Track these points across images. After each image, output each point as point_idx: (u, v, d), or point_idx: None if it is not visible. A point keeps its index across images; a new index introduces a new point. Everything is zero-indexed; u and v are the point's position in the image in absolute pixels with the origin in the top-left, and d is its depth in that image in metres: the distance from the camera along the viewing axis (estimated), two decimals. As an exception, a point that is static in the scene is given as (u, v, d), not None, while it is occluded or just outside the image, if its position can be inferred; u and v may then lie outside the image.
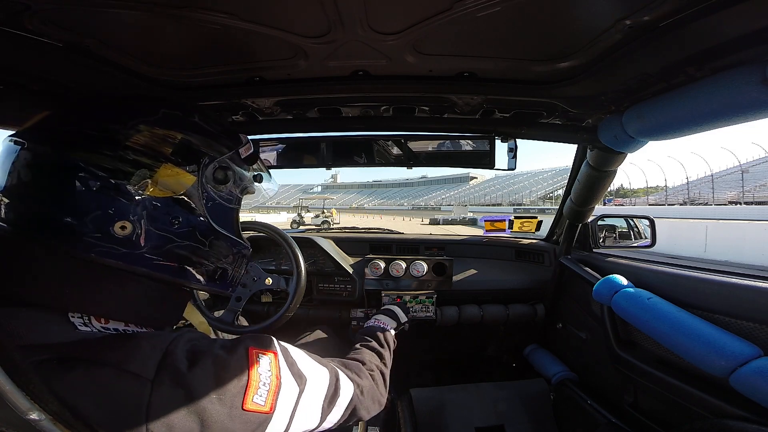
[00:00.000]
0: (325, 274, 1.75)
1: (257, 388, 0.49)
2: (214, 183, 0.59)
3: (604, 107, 1.01)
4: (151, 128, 0.52)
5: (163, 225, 0.53)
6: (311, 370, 0.60)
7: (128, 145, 0.50)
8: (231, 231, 0.63)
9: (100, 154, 0.48)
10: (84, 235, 0.47)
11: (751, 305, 0.87)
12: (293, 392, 0.54)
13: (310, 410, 0.58)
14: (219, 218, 0.60)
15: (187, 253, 0.56)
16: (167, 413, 0.41)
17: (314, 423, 0.60)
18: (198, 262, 0.58)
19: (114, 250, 0.49)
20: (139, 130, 0.51)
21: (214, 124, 0.63)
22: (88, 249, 0.48)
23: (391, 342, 1.03)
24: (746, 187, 32.25)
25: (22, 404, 0.33)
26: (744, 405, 0.82)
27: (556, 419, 1.64)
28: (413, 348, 2.06)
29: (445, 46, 0.79)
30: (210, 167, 0.58)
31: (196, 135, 0.57)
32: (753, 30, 0.58)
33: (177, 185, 0.53)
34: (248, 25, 0.67)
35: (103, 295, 0.49)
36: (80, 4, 0.60)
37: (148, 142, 0.51)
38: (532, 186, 74.34)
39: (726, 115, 0.71)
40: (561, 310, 1.77)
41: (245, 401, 0.47)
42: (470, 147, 1.30)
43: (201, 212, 0.57)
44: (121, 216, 0.49)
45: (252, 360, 0.51)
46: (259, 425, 0.49)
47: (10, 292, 0.45)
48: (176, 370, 0.43)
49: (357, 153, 1.33)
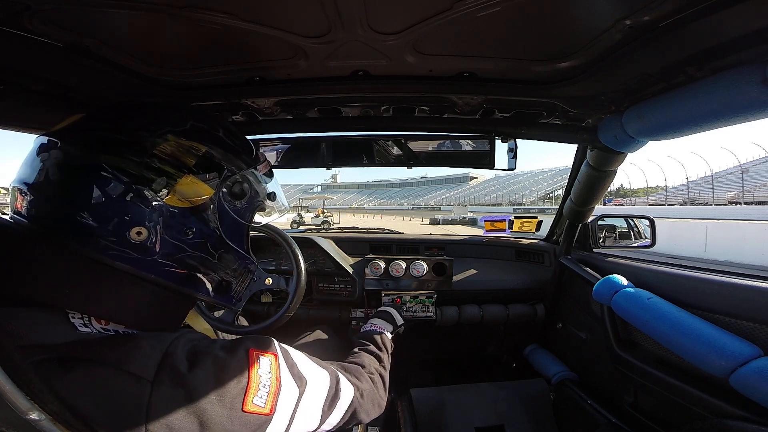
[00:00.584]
0: (325, 274, 1.75)
1: (257, 389, 0.49)
2: (231, 197, 0.61)
3: (604, 107, 1.01)
4: (178, 138, 0.54)
5: (177, 234, 0.53)
6: (311, 373, 0.60)
7: (154, 153, 0.51)
8: (241, 246, 0.64)
9: (127, 159, 0.49)
10: (100, 237, 0.48)
11: (751, 305, 0.86)
12: (293, 394, 0.54)
13: (310, 412, 0.58)
14: (231, 232, 0.61)
15: (196, 263, 0.57)
16: (167, 414, 0.41)
17: (314, 425, 0.60)
18: (205, 273, 0.59)
19: (126, 254, 0.49)
20: (166, 140, 0.53)
21: (236, 140, 0.64)
22: (102, 251, 0.48)
23: (389, 345, 1.04)
24: (746, 187, 32.26)
25: (22, 404, 0.33)
26: (744, 405, 0.82)
27: (556, 419, 1.64)
28: (413, 348, 2.05)
29: (445, 46, 0.79)
30: (229, 181, 0.59)
31: (218, 149, 0.59)
32: (753, 30, 0.58)
33: (195, 196, 0.54)
34: (248, 25, 0.67)
35: (106, 297, 0.49)
36: (80, 4, 0.60)
37: (174, 152, 0.53)
38: (532, 186, 74.34)
39: (726, 115, 0.71)
40: (561, 310, 1.77)
41: (245, 403, 0.47)
42: (470, 147, 1.30)
43: (215, 225, 0.58)
44: (138, 221, 0.49)
45: (252, 361, 0.51)
46: (259, 427, 0.49)
47: (11, 290, 0.45)
48: (176, 370, 0.43)
49: (357, 153, 1.33)
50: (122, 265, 0.49)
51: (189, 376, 0.44)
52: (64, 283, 0.47)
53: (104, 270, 0.49)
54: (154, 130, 0.53)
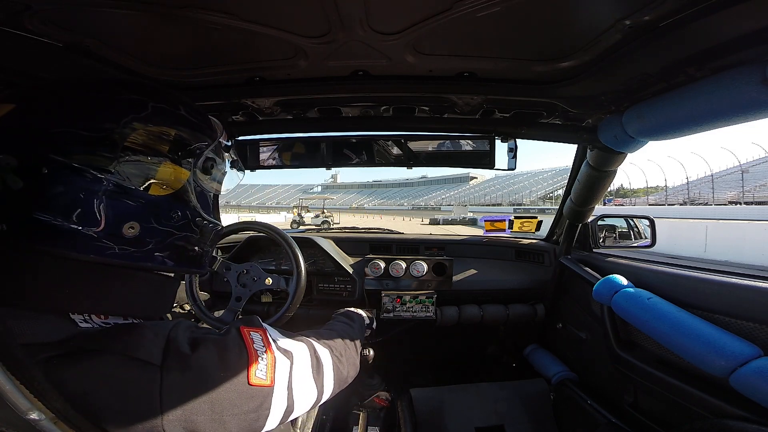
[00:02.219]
0: (325, 274, 1.75)
1: (257, 362, 0.51)
2: (203, 173, 0.61)
3: (604, 107, 1.01)
4: (145, 126, 0.50)
5: (165, 220, 0.53)
6: (291, 346, 0.62)
7: (126, 146, 0.48)
8: (212, 215, 0.64)
9: (99, 157, 0.46)
10: (94, 240, 0.47)
11: (751, 305, 0.86)
12: (286, 366, 0.56)
13: (305, 382, 0.60)
14: (204, 205, 0.62)
15: (184, 243, 0.57)
16: (180, 397, 0.42)
17: (314, 394, 0.62)
18: (191, 249, 0.60)
19: (123, 251, 0.49)
20: (134, 128, 0.49)
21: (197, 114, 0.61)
22: (100, 252, 0.47)
23: (364, 317, 1.14)
24: (746, 187, 32.25)
25: (22, 404, 0.33)
26: (744, 405, 0.82)
27: (556, 419, 1.64)
28: (413, 348, 2.06)
29: (445, 46, 0.79)
30: (200, 159, 0.59)
31: (185, 128, 0.56)
32: (753, 30, 0.58)
33: (175, 181, 0.54)
34: (248, 25, 0.67)
35: (106, 295, 0.50)
36: (80, 4, 0.60)
37: (145, 141, 0.50)
38: (532, 186, 74.35)
39: (726, 115, 0.71)
40: (561, 310, 1.77)
41: (249, 376, 0.49)
42: (470, 147, 1.30)
43: (193, 203, 0.58)
44: (128, 217, 0.49)
45: (246, 337, 0.53)
46: (264, 399, 0.50)
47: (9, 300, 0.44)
48: (181, 354, 0.44)
49: (357, 153, 1.33)
50: (121, 261, 0.49)
51: (194, 358, 0.45)
52: (64, 287, 0.46)
53: (103, 271, 0.49)
54: (118, 120, 0.48)
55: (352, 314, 1.11)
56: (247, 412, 0.48)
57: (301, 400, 0.58)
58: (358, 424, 1.51)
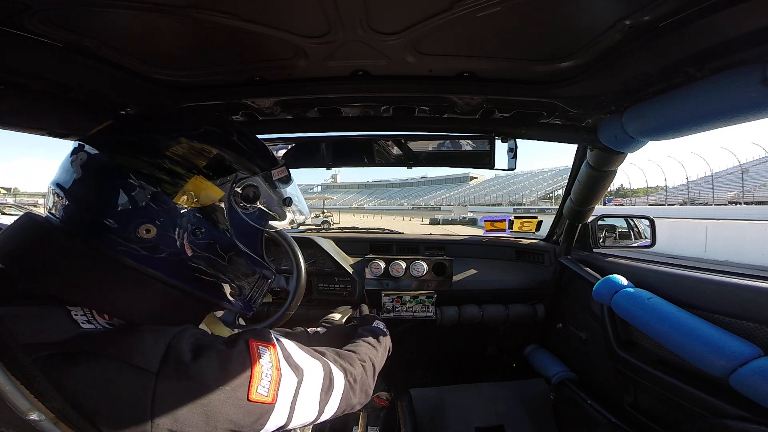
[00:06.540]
0: (325, 274, 1.75)
1: (260, 379, 0.50)
2: (242, 200, 0.61)
3: (604, 107, 1.01)
4: (190, 141, 0.56)
5: (186, 233, 0.54)
6: (306, 363, 0.61)
7: (166, 154, 0.53)
8: (254, 250, 0.64)
9: (139, 160, 0.52)
10: (111, 233, 0.50)
11: (751, 305, 0.87)
12: (292, 383, 0.55)
13: (309, 401, 0.59)
14: (243, 235, 0.61)
15: (204, 264, 0.57)
16: (172, 405, 0.42)
17: (313, 414, 0.61)
18: (215, 276, 0.59)
19: (134, 251, 0.51)
20: (178, 142, 0.55)
21: (250, 144, 0.65)
22: (112, 247, 0.50)
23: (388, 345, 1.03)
24: (746, 187, 32.22)
25: (22, 404, 0.33)
26: (744, 405, 0.82)
27: (556, 419, 1.64)
28: (413, 348, 2.06)
29: (445, 46, 0.79)
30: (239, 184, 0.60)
31: (230, 152, 0.60)
32: (753, 30, 0.58)
33: (205, 197, 0.55)
34: (248, 25, 0.67)
35: (120, 295, 0.50)
36: (80, 4, 0.60)
37: (185, 154, 0.54)
38: (532, 186, 74.29)
39: (726, 115, 0.71)
40: (561, 310, 1.77)
41: (250, 392, 0.48)
42: (470, 147, 1.30)
43: (224, 227, 0.58)
44: (147, 219, 0.51)
45: (253, 351, 0.52)
46: (262, 416, 0.50)
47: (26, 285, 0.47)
48: (181, 362, 0.44)
49: (357, 153, 1.33)
50: (131, 261, 0.50)
51: (194, 367, 0.45)
52: (81, 278, 0.48)
53: (118, 266, 0.50)
54: (168, 133, 0.56)
55: (380, 335, 1.01)
56: (242, 426, 0.48)
57: (299, 418, 0.57)
58: (358, 424, 1.51)
